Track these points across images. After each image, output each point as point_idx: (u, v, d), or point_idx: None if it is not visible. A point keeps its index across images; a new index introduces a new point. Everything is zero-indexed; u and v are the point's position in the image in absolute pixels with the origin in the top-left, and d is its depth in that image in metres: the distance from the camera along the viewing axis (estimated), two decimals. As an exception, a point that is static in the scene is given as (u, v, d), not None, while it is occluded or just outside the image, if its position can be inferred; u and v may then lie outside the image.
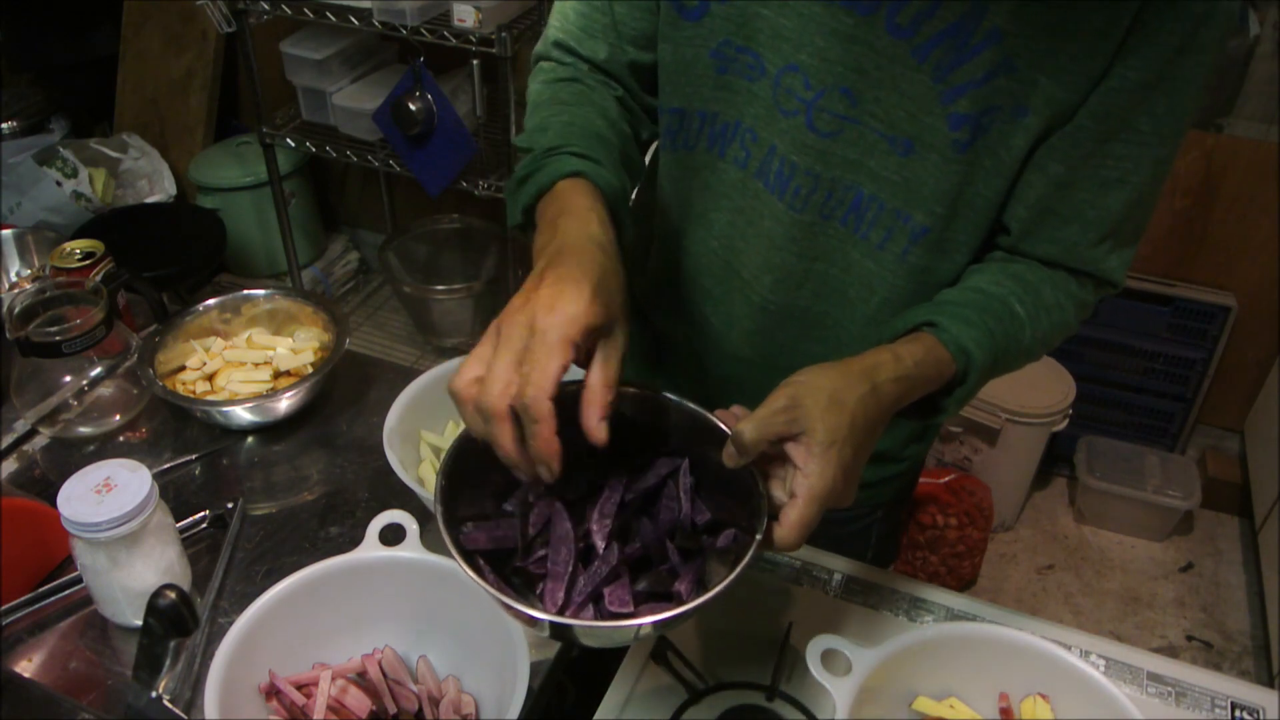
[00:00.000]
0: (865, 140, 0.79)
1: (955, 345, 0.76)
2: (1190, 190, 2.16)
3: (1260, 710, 0.85)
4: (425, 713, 0.80)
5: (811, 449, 0.65)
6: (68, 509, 0.81)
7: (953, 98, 0.75)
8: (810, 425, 0.65)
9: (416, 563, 0.84)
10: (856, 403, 0.68)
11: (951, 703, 0.81)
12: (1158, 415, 2.39)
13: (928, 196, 0.80)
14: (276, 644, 0.81)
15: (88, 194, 2.48)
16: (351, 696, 0.80)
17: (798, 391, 0.67)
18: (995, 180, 0.79)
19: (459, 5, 1.95)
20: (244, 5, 2.12)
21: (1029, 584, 2.23)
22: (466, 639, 0.83)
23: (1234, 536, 2.34)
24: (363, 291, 2.93)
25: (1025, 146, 0.77)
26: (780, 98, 0.81)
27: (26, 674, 0.86)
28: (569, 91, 0.87)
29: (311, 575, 0.82)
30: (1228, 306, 2.21)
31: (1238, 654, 2.09)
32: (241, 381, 1.15)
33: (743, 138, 0.85)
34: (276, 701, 0.80)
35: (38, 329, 1.03)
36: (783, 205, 0.86)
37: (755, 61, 0.81)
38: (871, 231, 0.84)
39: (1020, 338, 0.81)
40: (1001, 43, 0.72)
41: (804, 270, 0.89)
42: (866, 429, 0.69)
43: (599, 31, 0.88)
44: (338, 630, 0.84)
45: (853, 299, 0.90)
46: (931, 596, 0.93)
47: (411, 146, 2.16)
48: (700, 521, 0.72)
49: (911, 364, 0.73)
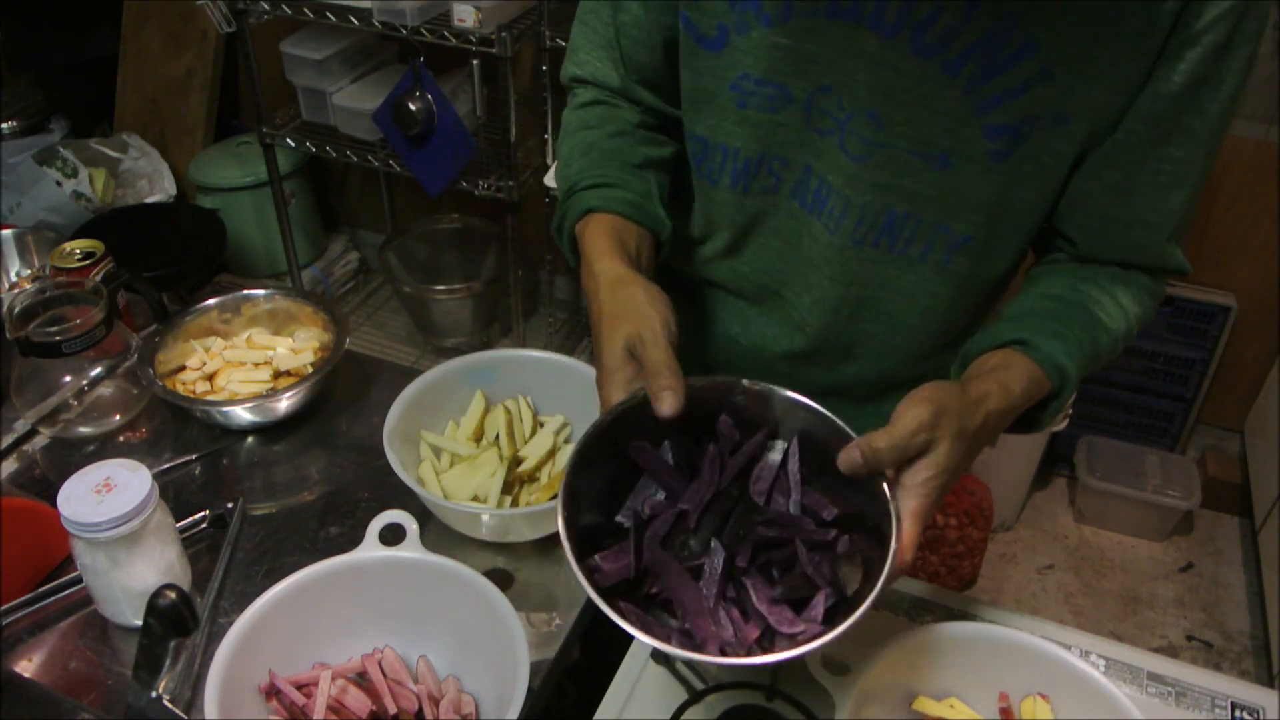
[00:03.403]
0: (896, 162, 0.79)
1: (1050, 363, 0.76)
2: (1190, 190, 2.16)
3: (1260, 710, 0.85)
4: (425, 712, 0.80)
5: (926, 470, 0.66)
6: (68, 509, 0.81)
7: (987, 109, 0.74)
8: (937, 449, 0.66)
9: (416, 563, 0.84)
10: (973, 435, 0.69)
11: (951, 703, 0.81)
12: (1158, 415, 2.39)
13: (968, 206, 0.80)
14: (276, 644, 0.81)
15: (88, 194, 2.48)
16: (351, 697, 0.80)
17: (937, 414, 0.66)
18: (1038, 184, 0.79)
19: (459, 5, 1.95)
20: (244, 5, 2.12)
21: (1029, 584, 2.23)
22: (466, 639, 0.83)
23: (1234, 536, 2.34)
24: (363, 291, 2.93)
25: (1071, 151, 0.77)
26: (814, 118, 0.80)
27: (26, 674, 0.86)
28: (594, 114, 0.90)
29: (311, 575, 0.83)
30: (1228, 306, 2.21)
31: (1238, 654, 2.09)
32: (241, 381, 1.15)
33: (769, 166, 0.85)
34: (276, 701, 0.80)
35: (38, 329, 1.03)
36: (820, 226, 0.85)
37: (778, 93, 0.80)
38: (910, 247, 0.84)
39: (1102, 341, 0.81)
40: (1037, 53, 0.71)
41: (841, 295, 0.89)
42: (971, 457, 0.71)
43: (610, 64, 0.89)
44: (338, 630, 0.84)
45: (893, 313, 0.89)
46: (931, 596, 0.93)
47: (411, 146, 2.16)
48: (828, 517, 0.70)
49: (1018, 393, 0.74)
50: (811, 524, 0.69)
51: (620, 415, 0.69)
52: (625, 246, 0.80)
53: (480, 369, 1.05)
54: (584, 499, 0.69)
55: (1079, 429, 2.35)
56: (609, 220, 0.82)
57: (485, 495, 0.98)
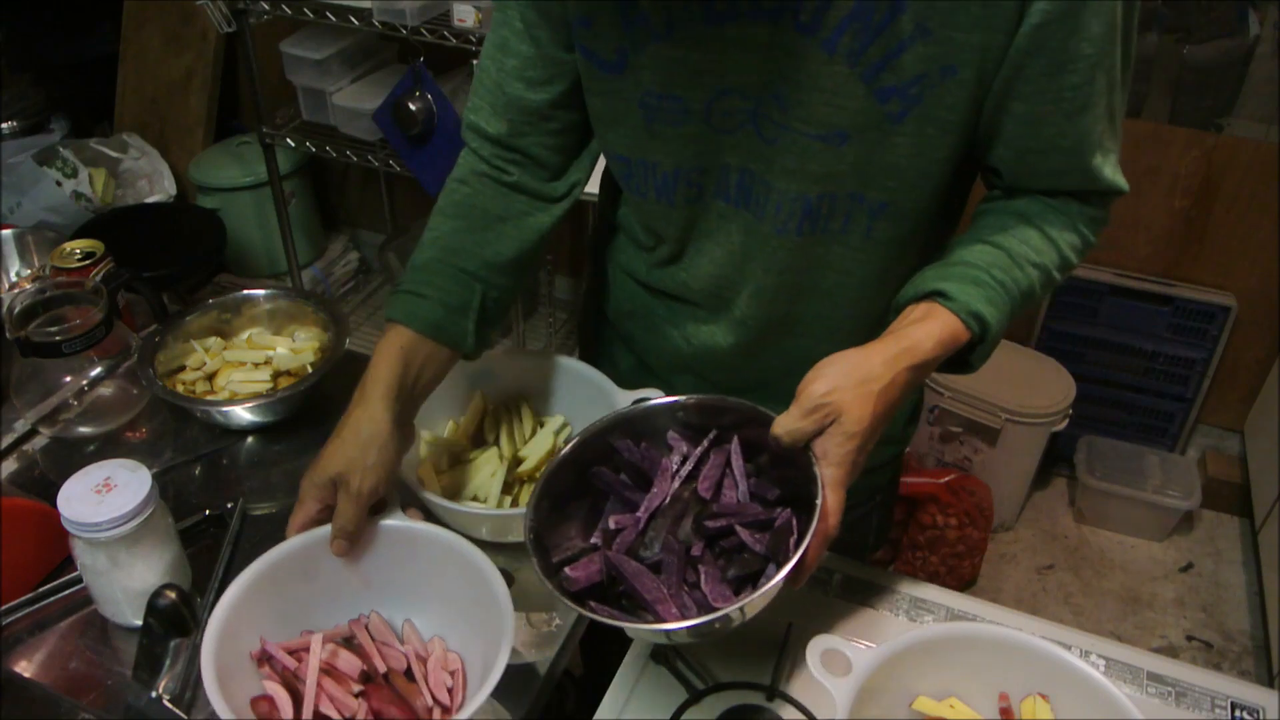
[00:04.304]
0: (799, 145, 0.80)
1: (966, 313, 0.78)
2: (1190, 190, 2.17)
3: (1260, 710, 0.85)
4: (414, 671, 0.82)
5: (836, 438, 0.72)
6: (68, 509, 0.82)
7: (873, 75, 0.75)
8: (844, 418, 0.71)
9: (400, 530, 0.86)
10: (880, 394, 0.73)
11: (951, 703, 0.81)
12: (1158, 415, 2.39)
13: (879, 174, 0.81)
14: (266, 612, 0.82)
15: (88, 194, 2.48)
16: (342, 659, 0.82)
17: (833, 385, 0.72)
18: (946, 139, 0.80)
19: (459, 5, 1.95)
20: (244, 5, 2.12)
21: (1029, 584, 2.23)
22: (451, 602, 0.85)
23: (1234, 536, 2.34)
24: (363, 291, 2.93)
25: (966, 100, 0.77)
26: (717, 121, 0.82)
27: (26, 674, 0.86)
28: (458, 198, 0.95)
29: (297, 545, 0.84)
30: (1228, 306, 2.21)
31: (1238, 654, 2.09)
32: (241, 381, 1.15)
33: (688, 178, 0.87)
34: (269, 667, 0.81)
35: (38, 329, 1.03)
36: (750, 216, 0.87)
37: (678, 105, 0.82)
38: (831, 223, 0.85)
39: (1027, 278, 0.82)
40: (907, 13, 0.72)
41: (775, 284, 0.91)
42: (886, 416, 0.74)
43: (492, 112, 0.92)
44: (325, 598, 0.86)
45: (830, 290, 0.91)
46: (931, 596, 0.93)
47: (411, 146, 2.16)
48: (771, 498, 0.77)
49: (931, 346, 0.77)
50: (759, 508, 0.76)
51: (580, 446, 0.80)
52: (407, 370, 0.87)
53: (480, 369, 1.05)
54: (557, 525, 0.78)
55: (1079, 429, 2.35)
56: (404, 338, 0.88)
57: (485, 495, 0.98)
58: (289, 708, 0.77)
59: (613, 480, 0.80)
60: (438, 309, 0.89)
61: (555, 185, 0.96)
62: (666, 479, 0.79)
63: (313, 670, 0.79)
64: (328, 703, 0.79)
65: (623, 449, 0.81)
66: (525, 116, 0.91)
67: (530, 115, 0.91)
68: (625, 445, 0.81)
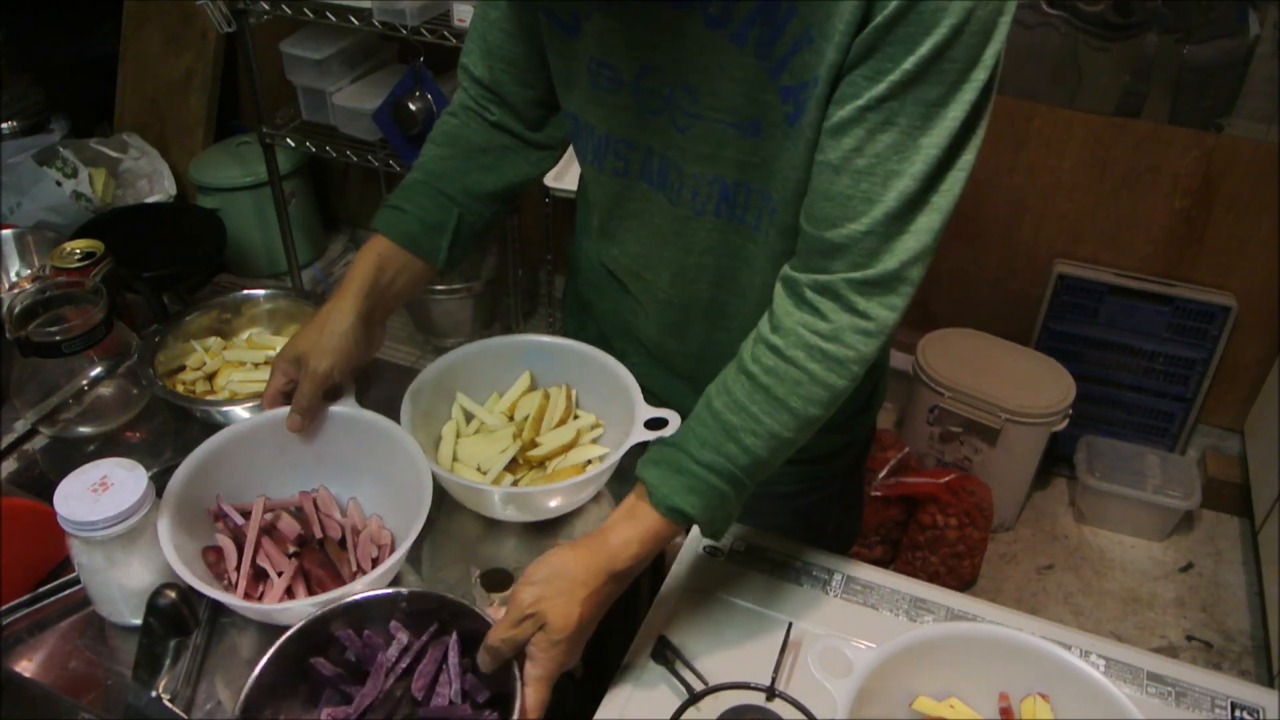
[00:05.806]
0: (715, 133, 0.81)
1: (665, 508, 0.80)
2: (1190, 190, 2.16)
3: (1260, 710, 0.85)
4: (348, 540, 0.94)
5: (542, 644, 0.77)
6: (64, 508, 0.81)
7: (777, 72, 0.75)
8: (549, 625, 0.76)
9: (349, 416, 0.98)
10: (585, 600, 0.78)
11: (951, 703, 0.81)
12: (1158, 415, 2.39)
13: (778, 176, 0.81)
14: (230, 475, 0.95)
15: (88, 194, 2.48)
16: (284, 522, 0.93)
17: (536, 598, 0.77)
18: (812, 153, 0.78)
19: (459, 5, 1.96)
20: (244, 5, 2.12)
21: (1029, 584, 2.23)
22: (388, 484, 0.96)
23: (1234, 536, 2.34)
24: (363, 291, 2.93)
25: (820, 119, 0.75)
26: (644, 98, 0.84)
27: (26, 674, 0.86)
28: (447, 129, 1.03)
29: (262, 420, 0.97)
30: (1228, 306, 2.21)
31: (1238, 654, 2.09)
32: (241, 381, 1.15)
33: (615, 148, 0.89)
34: (222, 523, 0.93)
35: (38, 329, 1.03)
36: (666, 200, 0.89)
37: (613, 75, 0.84)
38: (747, 215, 0.86)
39: (758, 442, 0.79)
40: (798, 14, 0.72)
41: (695, 265, 0.92)
42: (594, 618, 0.80)
43: (479, 55, 0.99)
44: (282, 470, 0.98)
45: (745, 287, 0.92)
46: (931, 596, 0.93)
47: (411, 146, 2.16)
48: (481, 700, 0.80)
49: (629, 555, 0.80)
50: (468, 710, 0.79)
51: (300, 635, 0.80)
52: (381, 274, 0.97)
53: (536, 350, 1.09)
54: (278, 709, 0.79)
55: (1079, 429, 2.35)
56: (382, 245, 0.98)
57: (488, 468, 0.99)
58: (234, 558, 0.90)
59: (331, 674, 0.80)
60: (415, 224, 0.98)
61: (534, 135, 1.02)
62: (380, 675, 0.80)
63: (253, 528, 0.91)
64: (265, 558, 0.91)
65: (344, 639, 0.81)
66: (504, 65, 0.97)
67: (508, 65, 0.97)
68: (347, 635, 0.81)
